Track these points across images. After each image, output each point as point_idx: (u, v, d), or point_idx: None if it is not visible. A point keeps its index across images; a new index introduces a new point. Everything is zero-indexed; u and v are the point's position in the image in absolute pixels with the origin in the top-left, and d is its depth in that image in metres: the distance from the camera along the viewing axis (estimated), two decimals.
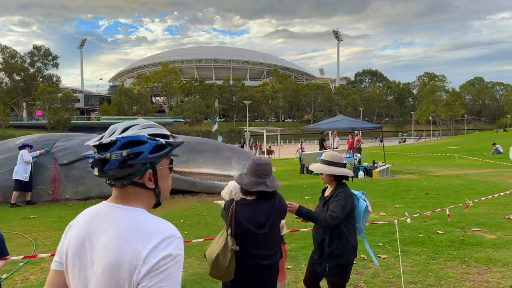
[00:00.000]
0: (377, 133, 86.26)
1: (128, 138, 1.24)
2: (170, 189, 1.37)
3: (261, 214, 2.65)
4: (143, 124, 1.32)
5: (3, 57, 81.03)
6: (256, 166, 2.71)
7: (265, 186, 2.64)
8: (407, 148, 35.00)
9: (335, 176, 3.16)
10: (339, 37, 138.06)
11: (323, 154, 3.24)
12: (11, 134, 70.54)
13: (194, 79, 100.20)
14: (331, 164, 3.15)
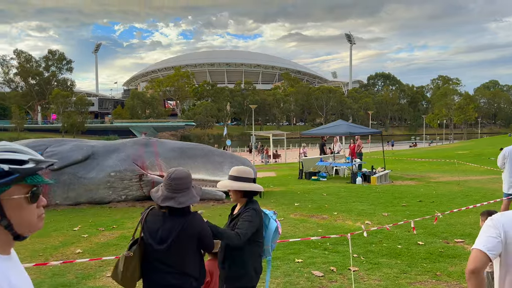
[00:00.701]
0: (389, 137, 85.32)
1: None
2: (34, 220, 1.23)
3: (165, 229, 2.53)
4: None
5: (19, 62, 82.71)
6: (169, 180, 2.57)
7: (174, 202, 2.51)
8: (415, 153, 34.46)
9: (244, 192, 2.92)
10: (351, 40, 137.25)
11: (232, 169, 3.02)
12: (25, 137, 71.83)
13: (206, 83, 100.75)
14: (238, 180, 2.92)
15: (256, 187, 2.94)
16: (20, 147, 1.24)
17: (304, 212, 9.02)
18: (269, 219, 3.07)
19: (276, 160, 32.18)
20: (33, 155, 1.24)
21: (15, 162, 1.18)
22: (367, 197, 10.92)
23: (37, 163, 1.21)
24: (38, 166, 1.20)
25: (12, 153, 1.20)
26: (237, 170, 2.96)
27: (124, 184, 10.54)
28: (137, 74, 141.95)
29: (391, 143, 55.11)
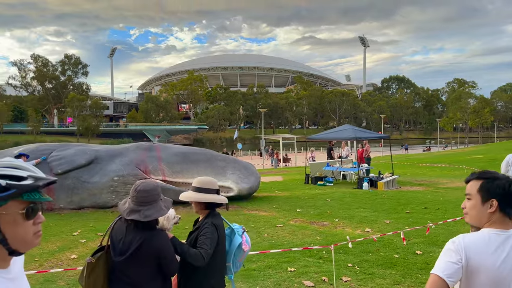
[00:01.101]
0: (403, 141, 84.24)
1: None
2: (29, 237, 1.23)
3: (126, 242, 2.47)
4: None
5: (36, 66, 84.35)
6: (135, 192, 2.49)
7: (139, 215, 2.43)
8: (428, 157, 33.91)
9: (206, 204, 2.82)
10: (365, 43, 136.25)
11: (195, 180, 2.90)
12: (42, 140, 73.09)
13: (219, 86, 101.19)
14: (200, 191, 2.81)
15: (218, 199, 2.82)
16: (21, 163, 1.26)
17: (305, 219, 8.91)
18: (235, 234, 2.94)
19: (286, 164, 32.04)
20: (33, 172, 1.25)
21: (14, 178, 1.20)
22: (372, 203, 10.74)
23: (35, 180, 1.22)
24: (36, 183, 1.22)
25: (12, 169, 1.23)
26: (200, 180, 2.87)
27: (127, 188, 10.57)
28: (152, 78, 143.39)
29: (405, 147, 54.36)
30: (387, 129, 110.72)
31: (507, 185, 1.76)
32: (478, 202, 1.80)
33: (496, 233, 1.73)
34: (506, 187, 1.75)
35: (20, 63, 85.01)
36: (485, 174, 1.83)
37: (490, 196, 1.76)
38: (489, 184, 1.78)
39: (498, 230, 1.74)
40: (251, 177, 11.18)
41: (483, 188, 1.79)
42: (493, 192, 1.76)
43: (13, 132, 78.07)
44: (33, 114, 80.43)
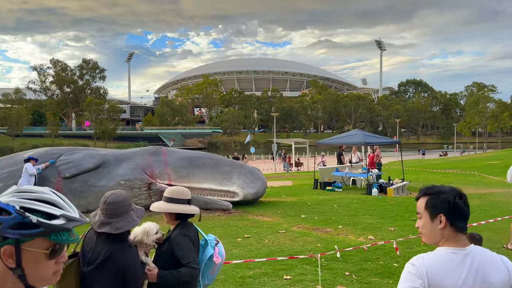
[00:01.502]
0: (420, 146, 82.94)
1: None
2: (49, 276, 1.18)
3: (95, 252, 2.43)
4: (31, 194, 1.18)
5: (55, 71, 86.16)
6: (104, 205, 2.46)
7: (111, 228, 2.39)
8: (443, 162, 33.29)
9: (177, 215, 2.78)
10: (381, 46, 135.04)
11: (166, 190, 2.86)
12: (60, 143, 74.49)
13: (234, 90, 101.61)
14: (171, 201, 2.76)
15: (188, 210, 2.77)
16: (58, 199, 1.21)
17: (309, 225, 8.82)
18: (207, 246, 2.88)
19: (299, 169, 31.88)
20: (68, 211, 1.21)
21: (46, 215, 1.15)
22: (379, 210, 10.58)
23: (67, 221, 1.18)
24: (67, 225, 1.17)
25: (46, 204, 1.17)
26: (171, 191, 2.83)
27: (133, 192, 10.65)
28: (168, 82, 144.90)
29: (422, 151, 53.45)
30: (403, 133, 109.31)
31: (452, 198, 1.69)
32: (427, 219, 1.73)
33: (453, 251, 1.66)
34: (451, 200, 1.69)
35: (39, 67, 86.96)
36: (430, 189, 1.77)
37: (438, 211, 1.70)
38: (435, 199, 1.72)
39: (454, 248, 1.67)
40: (257, 182, 11.14)
41: (429, 204, 1.73)
42: (439, 207, 1.70)
43: (32, 135, 79.77)
44: (52, 118, 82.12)
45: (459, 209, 1.69)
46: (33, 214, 1.12)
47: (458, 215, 1.69)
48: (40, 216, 1.13)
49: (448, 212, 1.68)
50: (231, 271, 5.74)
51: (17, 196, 1.15)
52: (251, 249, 6.94)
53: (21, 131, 76.64)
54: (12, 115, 74.63)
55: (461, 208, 1.69)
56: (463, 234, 1.68)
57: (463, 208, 1.70)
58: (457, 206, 1.69)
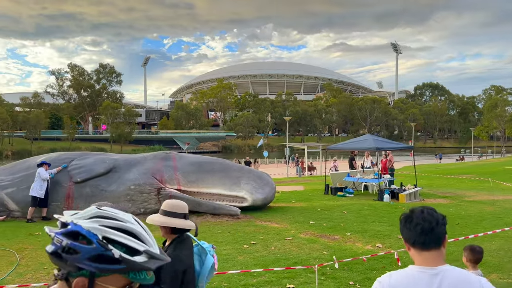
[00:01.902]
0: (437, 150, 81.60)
1: (78, 229, 1.03)
2: None
3: None
4: (116, 222, 1.07)
5: (72, 75, 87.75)
6: None
7: None
8: (459, 167, 32.68)
9: (172, 228, 2.73)
10: (397, 49, 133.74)
11: (164, 202, 2.81)
12: (77, 146, 75.79)
13: (248, 94, 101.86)
14: (168, 215, 2.71)
15: (184, 224, 2.69)
16: (142, 230, 1.10)
17: (316, 232, 8.75)
18: (206, 254, 2.86)
19: (312, 173, 31.71)
20: (151, 245, 1.10)
21: (128, 250, 1.04)
22: (389, 217, 10.43)
23: (150, 258, 1.07)
24: (149, 265, 1.07)
25: (128, 236, 1.06)
26: (168, 204, 2.79)
27: (143, 197, 10.75)
28: (183, 86, 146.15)
29: (439, 156, 52.62)
30: (420, 137, 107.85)
31: (402, 220, 1.71)
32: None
33: (421, 270, 1.63)
34: (401, 222, 1.71)
35: (57, 72, 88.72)
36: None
37: (402, 236, 1.72)
38: (400, 225, 1.74)
39: (422, 267, 1.64)
40: (266, 187, 11.11)
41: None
42: (401, 231, 1.73)
43: (50, 138, 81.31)
44: (69, 121, 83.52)
45: (405, 228, 1.68)
46: (114, 246, 1.01)
47: (411, 234, 1.65)
48: (122, 250, 1.02)
49: (403, 234, 1.70)
50: (235, 279, 5.73)
51: (99, 222, 1.04)
52: (257, 256, 6.92)
53: (39, 135, 78.14)
54: (30, 118, 76.19)
55: (408, 227, 1.67)
56: (429, 251, 1.63)
57: (409, 227, 1.66)
58: (403, 226, 1.69)
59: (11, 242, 8.11)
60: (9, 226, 9.64)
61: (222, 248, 7.41)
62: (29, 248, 7.64)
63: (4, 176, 10.92)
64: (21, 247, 7.71)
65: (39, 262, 6.75)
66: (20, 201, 10.47)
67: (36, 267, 6.51)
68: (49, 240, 1.02)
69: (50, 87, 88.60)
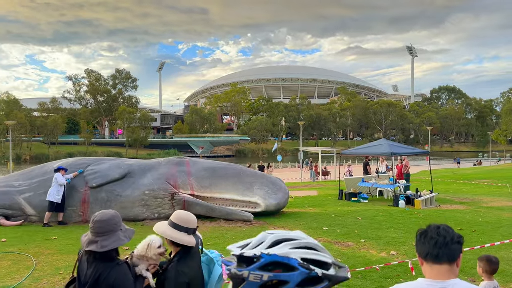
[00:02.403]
0: (453, 154, 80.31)
1: (275, 258, 0.98)
2: None
3: (87, 274, 2.45)
4: (299, 242, 1.03)
5: (89, 80, 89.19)
6: (92, 223, 2.48)
7: (96, 246, 2.39)
8: (476, 172, 32.07)
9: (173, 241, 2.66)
10: (413, 52, 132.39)
11: (174, 213, 2.73)
12: (93, 150, 76.92)
13: (261, 98, 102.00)
14: (175, 227, 2.63)
15: (180, 239, 2.58)
16: (316, 242, 1.03)
17: (330, 238, 8.69)
18: (214, 264, 2.80)
19: (326, 177, 31.50)
20: (329, 255, 1.03)
21: (320, 265, 1.00)
22: (404, 223, 10.30)
23: (338, 268, 1.01)
24: (342, 273, 0.99)
25: (315, 252, 1.02)
26: (175, 215, 2.71)
27: (157, 202, 10.83)
28: (197, 90, 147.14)
29: (457, 160, 51.71)
30: (436, 141, 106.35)
31: (417, 234, 1.72)
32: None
33: (429, 283, 1.62)
34: (417, 237, 1.71)
35: (74, 77, 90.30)
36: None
37: (416, 251, 1.72)
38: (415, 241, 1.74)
39: (432, 280, 1.63)
40: (279, 192, 11.09)
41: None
42: (416, 246, 1.74)
43: (67, 143, 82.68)
44: (86, 126, 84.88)
45: (420, 243, 1.69)
46: (312, 265, 0.96)
47: (424, 248, 1.67)
48: (319, 268, 0.96)
49: (417, 249, 1.71)
50: None
51: (289, 245, 0.99)
52: None
53: (56, 139, 79.55)
54: (48, 123, 77.64)
55: (422, 241, 1.68)
56: (441, 264, 1.63)
57: (424, 241, 1.68)
58: (418, 241, 1.71)
59: (28, 246, 8.25)
60: (26, 230, 9.81)
61: None
62: (45, 252, 7.76)
63: (22, 180, 11.14)
64: (37, 251, 7.83)
65: (55, 267, 6.84)
66: (37, 206, 10.65)
67: (52, 272, 6.60)
68: (64, 244, 0.97)
69: (67, 92, 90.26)
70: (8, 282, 6.07)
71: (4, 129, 66.39)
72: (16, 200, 10.68)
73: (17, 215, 10.69)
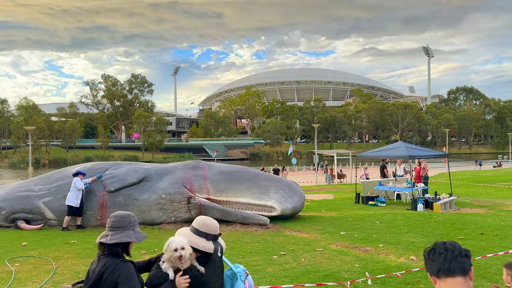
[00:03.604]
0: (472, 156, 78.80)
1: None
2: None
3: (94, 270, 2.47)
4: None
5: (106, 85, 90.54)
6: (109, 219, 2.60)
7: (105, 238, 2.49)
8: (496, 175, 31.37)
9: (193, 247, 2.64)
10: (429, 53, 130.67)
11: (197, 218, 2.70)
12: (110, 154, 77.93)
13: (276, 101, 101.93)
14: (196, 233, 2.62)
15: (202, 246, 2.55)
16: None
17: (347, 243, 8.58)
18: (237, 279, 2.74)
19: (341, 181, 31.26)
20: None
21: None
22: (423, 227, 10.12)
23: None
24: None
25: None
26: (196, 220, 2.68)
27: (173, 206, 10.88)
28: (212, 94, 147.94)
29: (479, 162, 50.68)
30: (454, 143, 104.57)
31: (424, 253, 1.73)
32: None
33: None
34: (425, 256, 1.73)
35: (91, 82, 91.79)
36: None
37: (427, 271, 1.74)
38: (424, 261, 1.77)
39: None
40: (295, 196, 11.03)
41: None
42: (425, 265, 1.76)
43: (84, 147, 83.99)
44: (103, 130, 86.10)
45: (429, 260, 1.70)
46: None
47: (434, 264, 1.67)
48: None
49: (427, 268, 1.72)
50: None
51: None
52: (286, 268, 6.84)
53: (74, 143, 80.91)
54: (66, 128, 79.05)
55: (431, 258, 1.69)
56: (454, 277, 1.62)
57: (433, 258, 1.69)
58: (427, 260, 1.72)
59: (48, 250, 8.36)
60: (46, 234, 9.96)
61: (251, 259, 7.39)
62: (64, 256, 7.85)
63: (41, 185, 11.33)
64: (57, 255, 7.93)
65: (74, 271, 6.91)
66: (56, 210, 10.81)
67: (71, 276, 6.67)
68: (83, 248, 0.96)
69: (84, 97, 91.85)
70: (30, 286, 6.16)
71: (23, 134, 67.76)
72: (36, 205, 10.87)
73: (37, 219, 10.87)
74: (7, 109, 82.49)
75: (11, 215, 10.80)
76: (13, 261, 7.43)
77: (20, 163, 67.12)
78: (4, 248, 8.54)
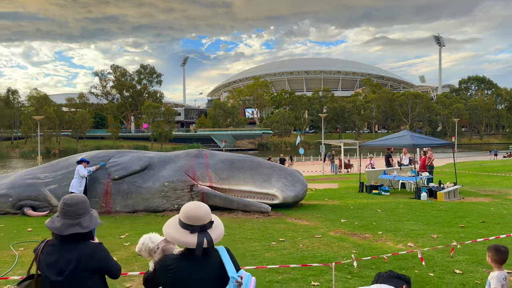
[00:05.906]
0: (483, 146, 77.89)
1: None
2: None
3: (64, 260, 2.34)
4: None
5: (115, 76, 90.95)
6: (67, 207, 2.40)
7: (79, 227, 2.36)
8: (506, 165, 31.01)
9: None
10: (440, 42, 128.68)
11: (185, 207, 2.34)
12: (120, 145, 78.60)
13: (284, 91, 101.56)
14: (182, 225, 2.37)
15: (184, 242, 2.25)
16: None
17: (347, 230, 8.63)
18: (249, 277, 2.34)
19: (348, 170, 31.21)
20: None
21: None
22: (425, 215, 10.11)
23: None
24: None
25: None
26: (183, 211, 2.34)
27: (177, 194, 11.01)
28: (220, 84, 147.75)
29: (494, 152, 49.91)
30: (465, 133, 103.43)
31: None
32: None
33: None
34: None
35: (101, 73, 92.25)
36: None
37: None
38: None
39: None
40: (297, 184, 11.08)
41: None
42: None
43: (94, 137, 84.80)
44: (112, 121, 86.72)
45: None
46: None
47: None
48: None
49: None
50: (260, 274, 5.76)
51: None
52: (284, 253, 6.92)
53: (84, 134, 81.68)
54: (76, 118, 79.80)
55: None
56: None
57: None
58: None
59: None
60: None
61: (250, 245, 7.48)
62: None
63: (47, 173, 11.53)
64: None
65: None
66: (61, 197, 10.99)
67: None
68: None
69: (94, 88, 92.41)
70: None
71: (34, 124, 68.57)
72: (42, 192, 11.08)
73: (43, 206, 11.09)
74: (17, 100, 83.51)
75: (18, 202, 11.04)
76: (17, 246, 7.62)
77: (31, 153, 68.05)
78: (10, 234, 8.76)
